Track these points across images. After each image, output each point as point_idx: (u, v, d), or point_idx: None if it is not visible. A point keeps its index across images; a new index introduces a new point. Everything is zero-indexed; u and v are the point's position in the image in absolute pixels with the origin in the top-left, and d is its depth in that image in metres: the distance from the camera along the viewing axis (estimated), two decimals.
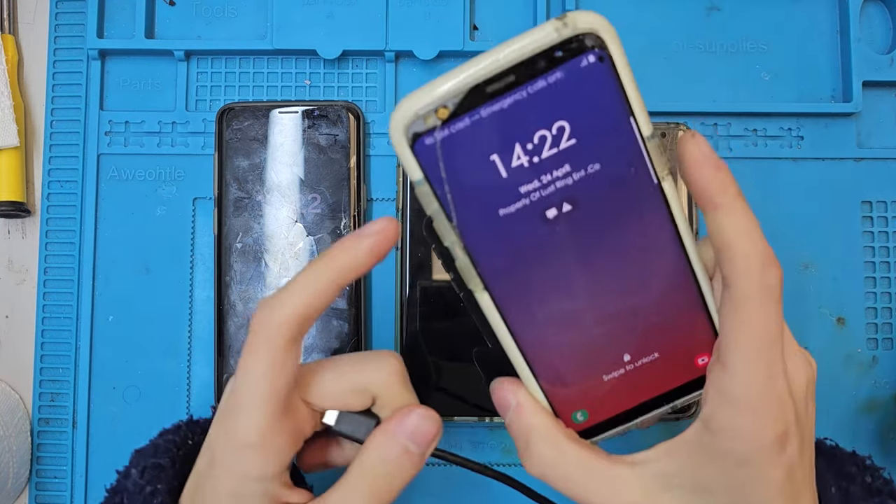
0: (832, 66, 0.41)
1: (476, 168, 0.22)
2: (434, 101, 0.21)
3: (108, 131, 0.41)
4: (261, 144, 0.39)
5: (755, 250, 0.23)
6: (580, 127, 0.22)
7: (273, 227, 0.38)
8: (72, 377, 0.39)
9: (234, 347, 0.38)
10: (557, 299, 0.25)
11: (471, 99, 0.21)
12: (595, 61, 0.21)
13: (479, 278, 0.24)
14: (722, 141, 0.41)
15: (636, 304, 0.25)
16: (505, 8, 0.41)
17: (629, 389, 0.26)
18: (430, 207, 0.23)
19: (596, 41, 0.21)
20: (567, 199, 0.23)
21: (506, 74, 0.21)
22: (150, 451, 0.28)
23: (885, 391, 0.40)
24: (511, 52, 0.21)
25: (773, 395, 0.23)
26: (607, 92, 0.22)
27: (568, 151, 0.22)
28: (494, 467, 0.30)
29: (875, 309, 0.40)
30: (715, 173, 0.23)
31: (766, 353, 0.23)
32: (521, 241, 0.23)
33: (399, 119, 0.21)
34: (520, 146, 0.22)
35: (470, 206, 0.23)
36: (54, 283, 0.40)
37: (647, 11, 0.41)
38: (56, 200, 0.41)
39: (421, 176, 0.22)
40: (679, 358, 0.26)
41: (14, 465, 0.38)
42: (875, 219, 0.40)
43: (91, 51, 0.40)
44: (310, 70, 0.41)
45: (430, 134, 0.22)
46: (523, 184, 0.23)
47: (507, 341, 0.25)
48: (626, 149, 0.23)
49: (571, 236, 0.23)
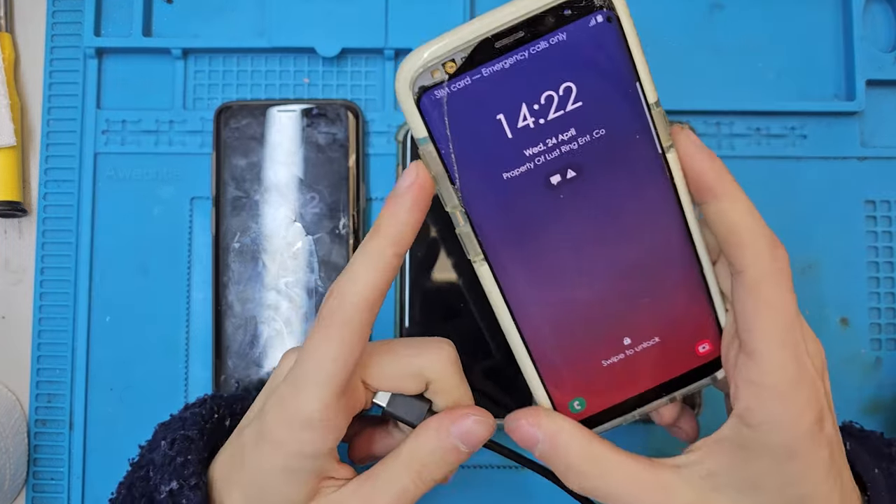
0: (835, 64, 0.41)
1: (481, 127, 0.22)
2: (442, 54, 0.21)
3: (105, 130, 0.40)
4: (259, 143, 0.39)
5: (763, 233, 0.23)
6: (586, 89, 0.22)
7: (271, 226, 0.38)
8: (69, 378, 0.39)
9: (232, 348, 0.38)
10: (558, 274, 0.24)
11: (479, 53, 0.21)
12: (603, 21, 0.21)
13: (479, 247, 0.23)
14: (724, 140, 0.40)
15: (638, 282, 0.25)
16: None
17: (628, 377, 0.26)
18: (434, 168, 0.22)
19: (604, 1, 0.21)
20: (571, 165, 0.23)
21: (515, 30, 0.21)
22: (178, 424, 0.28)
23: (889, 392, 0.39)
24: (520, 7, 0.21)
25: (805, 377, 0.23)
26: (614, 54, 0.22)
27: (574, 114, 0.22)
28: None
29: (879, 309, 0.40)
30: (711, 162, 0.23)
31: (791, 336, 0.23)
32: (523, 209, 0.23)
33: (406, 71, 0.21)
34: (526, 106, 0.22)
35: (474, 168, 0.22)
36: (51, 284, 0.40)
37: (650, 9, 0.41)
38: (53, 200, 0.40)
39: (425, 133, 0.22)
40: (679, 343, 0.26)
41: (11, 467, 0.37)
42: (879, 218, 0.40)
43: (88, 49, 0.40)
44: (308, 68, 0.41)
45: (436, 88, 0.21)
46: (528, 146, 0.22)
47: (505, 317, 0.25)
48: (632, 115, 0.22)
49: (575, 205, 0.23)
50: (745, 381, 0.23)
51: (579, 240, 0.24)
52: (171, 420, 0.30)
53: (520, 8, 0.21)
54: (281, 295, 0.38)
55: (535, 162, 0.23)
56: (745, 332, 0.23)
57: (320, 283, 0.38)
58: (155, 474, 0.27)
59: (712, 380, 0.27)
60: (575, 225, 0.23)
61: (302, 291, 0.38)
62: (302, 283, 0.38)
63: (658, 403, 0.27)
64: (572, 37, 0.21)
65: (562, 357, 0.25)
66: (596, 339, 0.25)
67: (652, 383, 0.26)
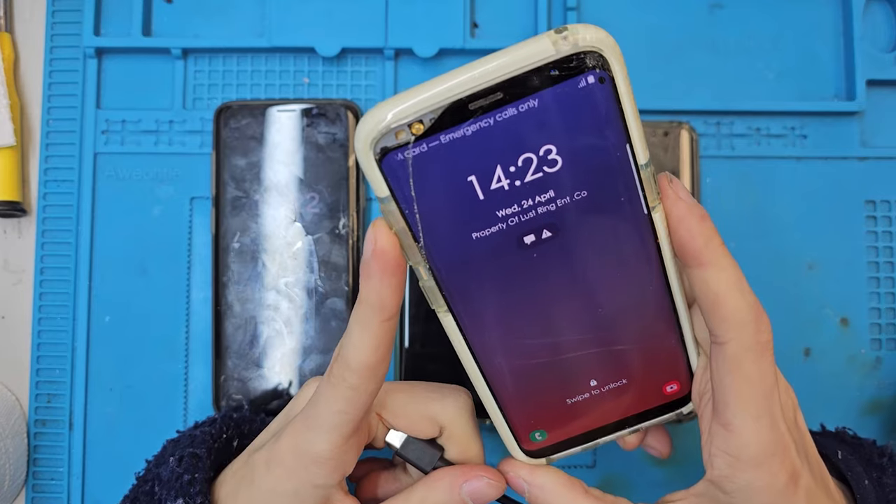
0: (835, 64, 0.41)
1: (450, 189, 0.20)
2: (408, 115, 0.19)
3: (105, 130, 0.40)
4: (259, 143, 0.39)
5: (747, 305, 0.22)
6: (570, 151, 0.20)
7: (271, 226, 0.38)
8: (68, 378, 0.39)
9: (232, 348, 0.38)
10: (526, 326, 0.23)
11: (450, 116, 0.19)
12: (595, 82, 0.19)
13: (443, 300, 0.22)
14: (724, 140, 0.40)
15: (609, 332, 0.24)
16: (505, 5, 0.41)
17: (592, 413, 0.26)
18: (395, 225, 0.21)
19: (598, 60, 0.19)
20: (548, 225, 0.21)
21: (492, 91, 0.19)
22: (187, 441, 0.29)
23: (889, 392, 0.39)
24: (500, 66, 0.19)
25: (780, 442, 0.23)
26: (605, 116, 0.20)
27: (554, 176, 0.20)
28: None
29: (879, 309, 0.40)
30: (700, 225, 0.22)
31: (767, 406, 0.23)
32: (492, 266, 0.21)
33: (366, 132, 0.19)
34: (501, 168, 0.20)
35: (440, 228, 0.21)
36: (50, 284, 0.40)
37: (650, 9, 0.41)
38: (52, 200, 0.40)
39: (387, 193, 0.20)
40: (646, 384, 0.25)
41: (11, 467, 0.37)
42: (879, 218, 0.40)
43: (88, 49, 0.40)
44: (308, 68, 0.41)
45: (401, 150, 0.19)
46: (501, 208, 0.20)
47: (470, 365, 0.24)
48: (618, 177, 0.21)
49: (548, 263, 0.22)
50: (721, 452, 0.23)
51: (550, 295, 0.22)
52: (180, 437, 0.30)
53: (500, 67, 0.19)
54: (281, 295, 0.38)
55: (507, 223, 0.21)
56: (723, 405, 0.23)
57: (320, 283, 0.38)
58: (160, 490, 0.27)
59: (677, 416, 0.26)
60: (547, 281, 0.22)
61: (302, 291, 0.38)
62: (302, 283, 0.38)
63: (620, 434, 0.26)
64: (558, 98, 0.19)
65: (525, 398, 0.25)
66: (562, 382, 0.25)
67: (616, 417, 0.26)
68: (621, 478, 0.39)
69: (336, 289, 0.38)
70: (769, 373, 0.23)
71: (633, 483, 0.39)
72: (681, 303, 0.24)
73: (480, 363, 0.24)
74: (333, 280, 0.38)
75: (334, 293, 0.38)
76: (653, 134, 0.39)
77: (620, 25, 0.41)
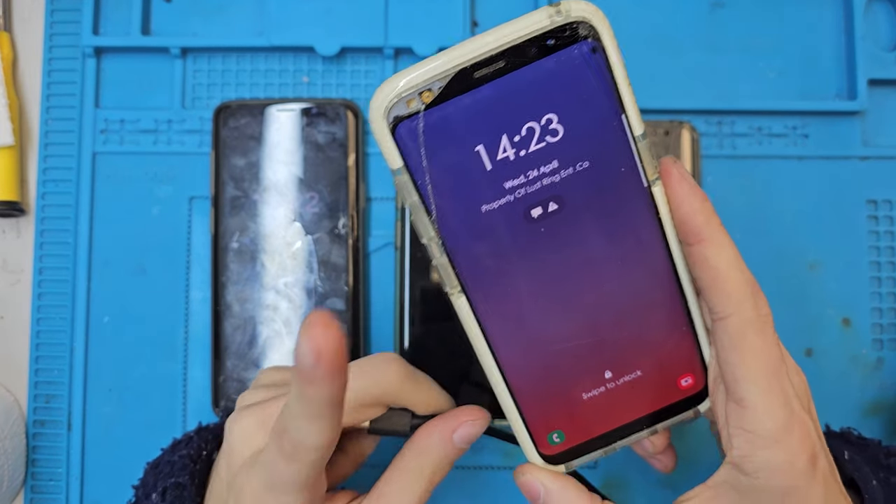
0: (837, 63, 0.41)
1: (460, 158, 0.21)
2: (419, 83, 0.20)
3: (104, 129, 0.40)
4: (258, 143, 0.38)
5: (746, 281, 0.23)
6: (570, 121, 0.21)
7: (270, 226, 0.38)
8: (67, 379, 0.39)
9: (231, 349, 0.38)
10: (538, 307, 0.23)
11: (457, 83, 0.20)
12: (587, 52, 0.21)
13: (456, 279, 0.23)
14: (726, 139, 0.40)
15: (621, 315, 0.24)
16: (505, 3, 0.41)
17: (609, 410, 0.25)
18: (409, 199, 0.22)
19: (589, 31, 0.21)
20: (553, 197, 0.22)
21: (495, 59, 0.20)
22: (167, 469, 0.28)
23: (891, 393, 0.39)
24: (501, 36, 0.20)
25: (796, 419, 0.23)
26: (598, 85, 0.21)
27: (556, 146, 0.21)
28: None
29: (880, 309, 0.40)
30: (701, 205, 0.23)
31: (778, 381, 0.23)
32: (502, 241, 0.22)
33: (380, 101, 0.20)
34: (507, 137, 0.21)
35: (451, 200, 0.22)
36: (49, 284, 0.40)
37: (651, 7, 0.41)
38: (51, 199, 0.40)
39: (401, 164, 0.21)
40: (662, 377, 0.25)
41: (9, 468, 0.37)
42: (881, 218, 0.40)
43: (86, 48, 0.40)
44: (308, 67, 0.41)
45: (412, 119, 0.21)
46: (508, 179, 0.22)
47: (483, 350, 0.24)
48: (616, 148, 0.22)
49: (556, 238, 0.22)
50: (738, 429, 0.23)
51: (560, 273, 0.23)
52: (160, 463, 0.29)
53: (501, 37, 0.20)
54: (280, 295, 0.38)
55: (515, 195, 0.22)
56: (733, 382, 0.23)
57: (319, 283, 0.38)
58: None
59: (695, 413, 0.26)
60: (556, 258, 0.23)
61: (301, 291, 0.38)
62: (301, 283, 0.38)
63: (639, 436, 0.26)
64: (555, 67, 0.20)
65: (541, 390, 0.25)
66: (576, 373, 0.25)
67: (633, 416, 0.26)
68: (623, 479, 0.39)
69: (335, 289, 0.38)
70: (773, 344, 0.23)
71: (635, 483, 0.38)
72: (689, 288, 0.24)
73: (494, 350, 0.24)
74: (333, 280, 0.38)
75: (334, 293, 0.38)
76: (654, 133, 0.38)
77: (622, 24, 0.41)
